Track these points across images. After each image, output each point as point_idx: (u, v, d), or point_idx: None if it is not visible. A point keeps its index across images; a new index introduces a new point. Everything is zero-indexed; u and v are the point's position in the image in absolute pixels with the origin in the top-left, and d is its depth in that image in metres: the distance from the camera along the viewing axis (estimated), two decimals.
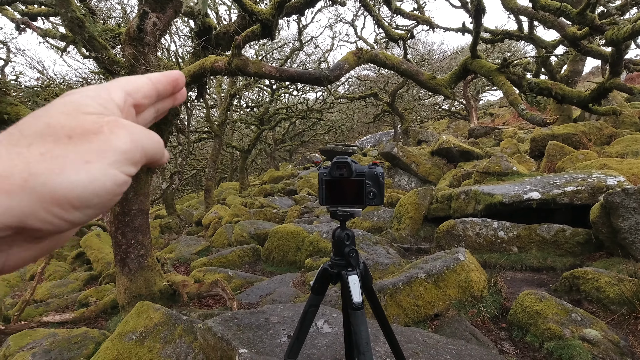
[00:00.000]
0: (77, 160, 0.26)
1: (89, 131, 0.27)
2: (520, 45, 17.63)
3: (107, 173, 0.27)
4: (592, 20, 3.76)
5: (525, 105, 2.53)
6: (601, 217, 3.70)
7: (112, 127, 0.28)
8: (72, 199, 0.25)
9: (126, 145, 0.28)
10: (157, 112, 0.38)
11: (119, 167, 0.28)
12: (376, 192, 1.01)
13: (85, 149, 0.27)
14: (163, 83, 0.36)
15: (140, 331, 2.76)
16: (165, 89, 0.37)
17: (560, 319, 2.60)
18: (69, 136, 0.27)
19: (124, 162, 0.28)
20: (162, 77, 0.36)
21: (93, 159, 0.27)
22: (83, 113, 0.28)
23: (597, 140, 7.65)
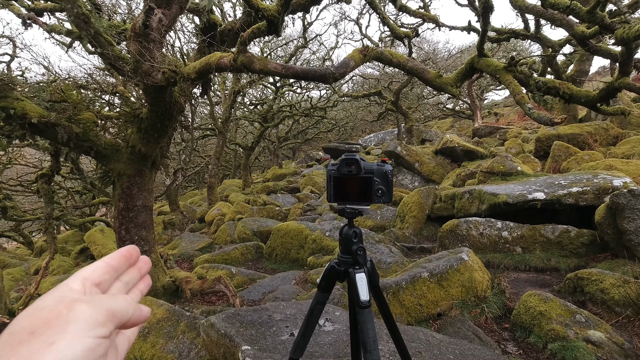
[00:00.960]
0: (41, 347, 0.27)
1: (48, 319, 0.29)
2: (526, 44, 17.51)
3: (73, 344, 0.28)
4: (602, 19, 3.71)
5: (533, 104, 2.51)
6: (606, 218, 3.67)
7: (68, 305, 0.31)
8: None
9: (86, 313, 0.31)
10: (128, 285, 0.42)
11: (85, 334, 0.30)
12: (384, 189, 1.00)
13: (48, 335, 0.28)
14: (115, 259, 0.41)
15: (144, 326, 2.77)
16: (120, 263, 0.41)
17: (564, 320, 2.58)
18: (31, 332, 0.28)
19: (89, 327, 0.30)
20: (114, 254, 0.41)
21: (56, 338, 0.28)
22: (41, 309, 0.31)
23: (603, 140, 7.59)
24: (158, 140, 3.87)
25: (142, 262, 0.44)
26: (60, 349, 0.28)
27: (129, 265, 0.42)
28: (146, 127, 3.70)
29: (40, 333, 0.28)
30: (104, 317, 0.32)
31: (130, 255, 0.42)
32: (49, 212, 4.74)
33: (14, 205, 9.29)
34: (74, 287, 0.34)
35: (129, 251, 0.42)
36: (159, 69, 3.04)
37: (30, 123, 3.27)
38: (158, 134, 3.78)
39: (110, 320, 0.32)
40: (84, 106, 3.75)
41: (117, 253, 0.41)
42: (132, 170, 3.90)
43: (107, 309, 0.32)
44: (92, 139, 3.70)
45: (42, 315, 0.30)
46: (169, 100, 3.49)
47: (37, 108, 3.38)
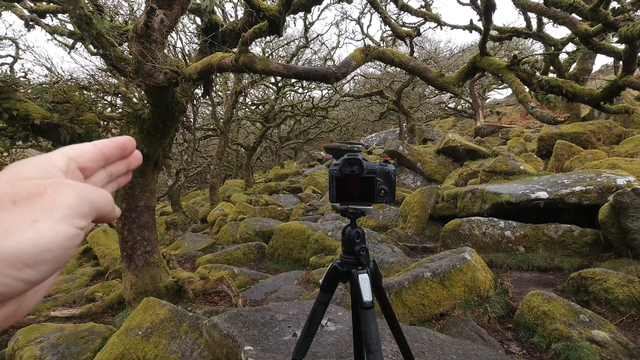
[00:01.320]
0: (23, 221, 0.27)
1: (32, 194, 0.28)
2: (528, 43, 17.44)
3: (55, 229, 0.28)
4: (606, 17, 3.69)
5: (536, 103, 2.50)
6: (610, 217, 3.65)
7: (55, 187, 0.29)
8: (24, 258, 0.26)
9: (71, 201, 0.29)
10: (112, 176, 0.40)
11: (67, 221, 0.29)
12: (387, 189, 0.99)
13: (31, 210, 0.27)
14: (109, 147, 0.38)
15: (147, 327, 2.78)
16: (112, 153, 0.38)
17: (568, 320, 2.57)
18: (13, 201, 0.27)
19: (72, 216, 0.29)
20: (108, 142, 0.38)
21: (39, 217, 0.27)
22: (24, 179, 0.29)
23: (606, 139, 7.55)
24: (160, 141, 3.88)
25: (133, 158, 0.41)
26: (42, 229, 0.27)
27: (120, 157, 0.40)
28: (148, 128, 3.71)
29: (22, 206, 0.27)
30: (88, 209, 0.31)
31: (125, 148, 0.39)
32: None
33: None
34: (57, 163, 0.33)
35: (124, 143, 0.39)
36: (160, 69, 3.04)
37: (33, 124, 3.28)
38: (160, 134, 3.79)
39: (91, 213, 0.31)
40: (86, 107, 3.76)
41: (113, 142, 0.38)
42: (135, 170, 3.91)
43: (90, 202, 0.31)
44: (95, 140, 3.70)
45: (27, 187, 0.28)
46: (170, 101, 3.49)
47: (40, 109, 3.39)
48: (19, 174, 0.30)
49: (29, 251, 0.26)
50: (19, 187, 0.28)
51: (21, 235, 0.26)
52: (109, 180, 0.40)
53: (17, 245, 0.26)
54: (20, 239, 0.26)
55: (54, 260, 0.28)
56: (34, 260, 0.26)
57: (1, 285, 0.25)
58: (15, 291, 0.26)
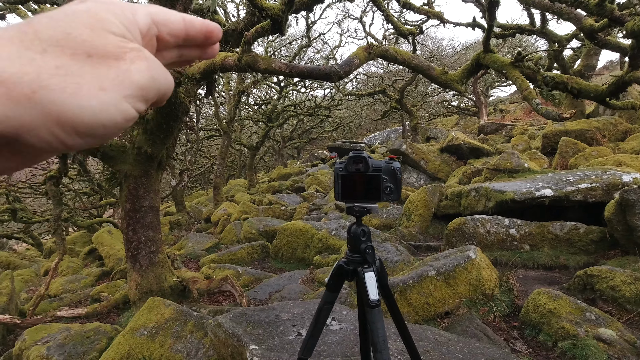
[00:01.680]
0: (92, 84, 0.24)
1: (110, 54, 0.26)
2: (532, 39, 17.33)
3: (119, 105, 0.26)
4: (612, 11, 3.65)
5: (540, 100, 2.48)
6: (616, 214, 3.62)
7: (134, 56, 0.27)
8: (78, 125, 0.24)
9: (144, 80, 0.27)
10: (181, 58, 0.36)
11: (132, 101, 0.26)
12: (393, 187, 0.99)
13: (103, 74, 0.25)
14: (196, 28, 0.34)
15: (152, 327, 2.79)
16: (196, 36, 0.34)
17: (574, 318, 2.55)
18: (88, 54, 0.25)
19: (138, 97, 0.27)
20: (197, 22, 0.34)
21: (109, 87, 0.25)
22: (106, 31, 0.26)
23: (611, 136, 7.49)
24: (164, 141, 3.89)
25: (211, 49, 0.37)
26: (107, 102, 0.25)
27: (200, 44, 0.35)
28: (152, 128, 3.72)
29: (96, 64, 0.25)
30: (154, 94, 0.28)
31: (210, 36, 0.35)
32: (57, 214, 4.79)
33: (23, 207, 9.41)
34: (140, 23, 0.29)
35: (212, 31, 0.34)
36: None
37: None
38: (164, 134, 3.80)
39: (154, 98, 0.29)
40: None
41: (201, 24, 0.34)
42: (139, 171, 3.93)
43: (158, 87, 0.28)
44: None
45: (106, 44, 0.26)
46: (174, 101, 3.50)
47: None
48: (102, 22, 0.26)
49: (86, 120, 0.24)
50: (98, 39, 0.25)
51: (85, 100, 0.24)
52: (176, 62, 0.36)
53: (78, 110, 0.24)
54: (83, 104, 0.24)
55: (103, 136, 0.26)
56: (86, 131, 0.24)
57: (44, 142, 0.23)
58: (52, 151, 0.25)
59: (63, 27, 0.25)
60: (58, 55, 0.24)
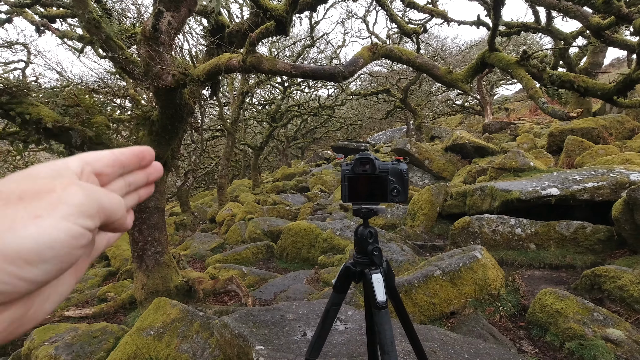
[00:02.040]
0: (26, 216, 0.26)
1: (40, 191, 0.28)
2: (537, 37, 17.20)
3: (58, 226, 0.27)
4: (619, 9, 3.61)
5: (546, 98, 2.46)
6: (624, 213, 3.59)
7: (64, 185, 0.29)
8: (24, 254, 0.25)
9: (78, 199, 0.29)
10: (130, 186, 0.39)
11: (72, 219, 0.28)
12: (400, 188, 0.99)
13: (36, 206, 0.27)
14: (126, 155, 0.37)
15: (158, 327, 2.81)
16: (130, 161, 0.38)
17: (581, 318, 2.53)
18: (20, 197, 0.27)
19: (77, 214, 0.28)
20: (126, 149, 0.38)
21: (43, 213, 0.27)
22: (36, 177, 0.29)
23: (618, 134, 7.41)
24: (169, 142, 3.91)
25: (152, 169, 0.41)
26: (45, 226, 0.26)
27: (138, 167, 0.39)
28: (157, 130, 3.74)
29: (28, 201, 0.27)
30: (95, 210, 0.30)
31: (143, 157, 0.39)
32: None
33: None
34: (71, 167, 0.32)
35: (142, 152, 0.39)
36: (168, 71, 3.06)
37: (45, 128, 3.33)
38: (169, 135, 3.82)
39: (99, 215, 0.30)
40: (96, 110, 3.81)
41: (130, 150, 0.38)
42: None
43: (99, 203, 0.30)
44: (105, 142, 3.75)
45: (35, 185, 0.28)
46: (179, 102, 3.52)
47: (52, 113, 3.45)
48: (30, 174, 0.29)
49: (29, 247, 0.25)
50: (27, 185, 0.28)
51: (23, 230, 0.25)
52: (127, 191, 0.39)
53: (18, 240, 0.25)
54: (21, 235, 0.25)
55: (56, 259, 0.27)
56: (35, 257, 0.25)
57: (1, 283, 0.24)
58: (17, 290, 0.25)
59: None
60: None
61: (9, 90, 3.22)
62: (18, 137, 3.76)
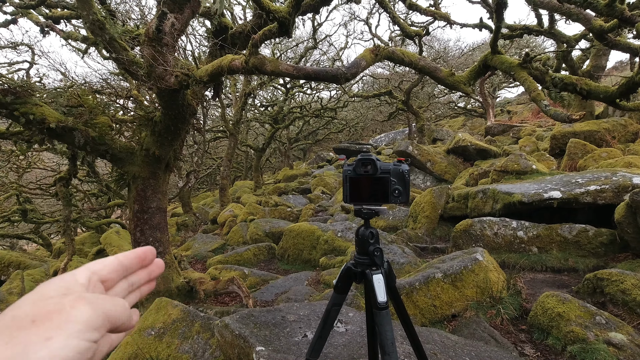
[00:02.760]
0: (38, 340, 0.28)
1: (51, 312, 0.30)
2: (540, 40, 17.18)
3: (68, 345, 0.29)
4: (622, 12, 3.60)
5: (549, 101, 2.46)
6: (627, 217, 3.57)
7: (73, 302, 0.31)
8: None
9: (86, 315, 0.31)
10: (133, 286, 0.42)
11: (81, 336, 0.30)
12: (402, 189, 0.99)
13: (47, 328, 0.29)
14: (129, 258, 0.41)
15: (159, 327, 2.81)
16: (132, 263, 0.41)
17: (583, 322, 2.52)
18: (32, 321, 0.29)
19: (85, 330, 0.30)
20: (129, 253, 0.41)
21: (53, 334, 0.28)
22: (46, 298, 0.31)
23: (621, 137, 7.39)
24: (171, 143, 3.93)
25: (154, 266, 0.44)
26: (55, 347, 0.28)
27: (141, 266, 0.42)
28: (160, 130, 3.76)
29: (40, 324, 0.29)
30: (101, 321, 0.32)
31: (145, 257, 0.42)
32: (67, 215, 4.86)
33: (33, 208, 9.54)
34: (80, 279, 0.35)
35: (145, 253, 0.42)
36: (172, 72, 3.08)
37: (49, 128, 3.35)
38: (171, 136, 3.84)
39: (104, 325, 0.33)
40: (99, 110, 3.83)
41: (133, 253, 0.41)
42: (147, 172, 3.97)
43: (104, 313, 0.33)
44: (108, 143, 3.77)
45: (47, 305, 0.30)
46: (181, 103, 3.53)
47: (55, 113, 3.47)
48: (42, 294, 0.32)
49: None
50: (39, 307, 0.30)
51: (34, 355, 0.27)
52: (130, 290, 0.42)
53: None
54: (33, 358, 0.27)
55: None
56: None
57: None
58: None
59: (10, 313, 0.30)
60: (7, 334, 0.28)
61: (13, 91, 3.24)
62: (22, 137, 3.79)
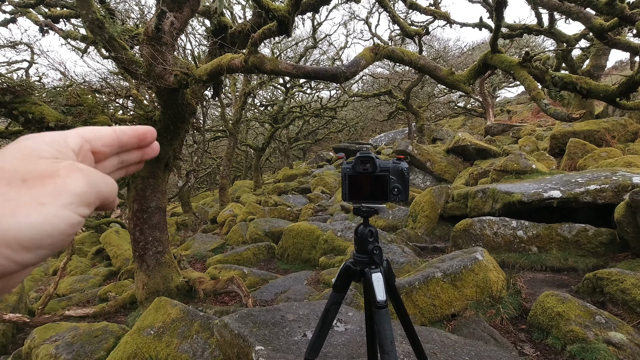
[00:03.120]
0: (30, 202, 0.26)
1: (44, 174, 0.28)
2: (540, 40, 17.18)
3: (60, 214, 0.27)
4: (622, 10, 3.60)
5: (549, 100, 2.45)
6: (626, 216, 3.57)
7: (68, 170, 0.29)
8: (23, 241, 0.25)
9: (82, 188, 0.29)
10: (123, 164, 0.39)
11: (73, 208, 0.28)
12: (401, 187, 0.98)
13: (40, 192, 0.27)
14: (128, 135, 0.37)
15: (159, 326, 2.81)
16: (130, 141, 0.37)
17: (583, 321, 2.52)
18: (23, 179, 0.27)
19: (78, 203, 0.29)
20: (128, 129, 0.37)
21: (47, 200, 0.27)
22: (38, 157, 0.29)
23: (621, 137, 7.39)
24: (171, 142, 3.92)
25: (150, 149, 0.40)
26: (47, 214, 0.26)
27: (137, 147, 0.39)
28: (159, 130, 3.75)
29: (32, 185, 0.27)
30: (94, 198, 0.30)
31: (144, 138, 0.38)
32: None
33: None
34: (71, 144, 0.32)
35: (145, 133, 0.38)
36: (171, 71, 3.07)
37: (48, 127, 3.35)
38: (171, 136, 3.83)
39: (95, 202, 0.30)
40: (98, 110, 3.82)
41: (133, 131, 0.37)
42: (146, 172, 3.96)
43: (98, 191, 0.30)
44: None
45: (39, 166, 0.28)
46: (181, 103, 3.53)
47: (54, 112, 3.46)
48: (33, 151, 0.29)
49: (30, 235, 0.25)
50: (31, 165, 0.28)
51: (25, 217, 0.25)
52: (118, 167, 0.39)
53: (19, 227, 0.25)
54: (23, 222, 0.25)
55: (52, 246, 0.27)
56: (33, 244, 0.26)
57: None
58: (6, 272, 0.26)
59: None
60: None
61: (13, 90, 3.24)
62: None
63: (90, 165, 0.34)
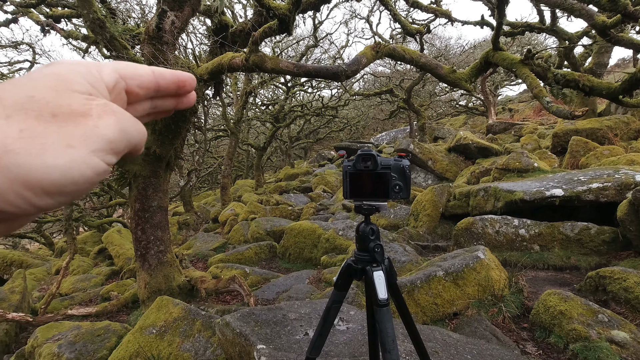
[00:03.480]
0: (58, 143, 0.24)
1: (75, 112, 0.25)
2: (542, 37, 17.12)
3: (88, 160, 0.25)
4: (625, 7, 3.58)
5: (551, 98, 2.44)
6: (629, 214, 3.55)
7: (101, 111, 0.27)
8: (47, 185, 0.23)
9: (113, 134, 0.27)
10: (155, 109, 0.36)
11: (102, 155, 0.26)
12: (402, 185, 0.98)
13: (70, 132, 0.25)
14: (167, 80, 0.34)
15: (160, 325, 2.82)
16: (168, 86, 0.34)
17: (586, 320, 2.51)
18: (53, 114, 0.24)
19: (107, 150, 0.26)
20: (168, 73, 0.34)
21: (76, 143, 0.25)
22: (71, 90, 0.26)
23: (623, 135, 7.35)
24: (172, 142, 3.92)
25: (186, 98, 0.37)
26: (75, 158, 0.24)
27: (174, 94, 0.35)
28: (160, 129, 3.75)
29: (62, 123, 0.24)
30: (124, 146, 0.28)
31: (183, 85, 0.35)
32: (68, 214, 4.86)
33: None
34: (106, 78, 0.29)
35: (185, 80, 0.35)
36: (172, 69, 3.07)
37: None
38: (172, 135, 3.83)
39: (124, 151, 0.28)
40: None
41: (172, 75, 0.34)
42: (148, 171, 3.97)
43: (128, 139, 0.28)
44: None
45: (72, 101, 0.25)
46: None
47: None
48: (66, 82, 0.26)
49: (54, 179, 0.23)
50: (62, 99, 0.25)
51: (52, 159, 0.23)
52: (149, 112, 0.36)
53: (46, 169, 0.23)
54: (49, 164, 0.23)
55: (75, 192, 0.25)
56: (56, 189, 0.24)
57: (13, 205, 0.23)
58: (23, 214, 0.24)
59: (26, 91, 0.25)
60: (22, 118, 0.23)
61: None
62: None
63: (122, 106, 0.31)
